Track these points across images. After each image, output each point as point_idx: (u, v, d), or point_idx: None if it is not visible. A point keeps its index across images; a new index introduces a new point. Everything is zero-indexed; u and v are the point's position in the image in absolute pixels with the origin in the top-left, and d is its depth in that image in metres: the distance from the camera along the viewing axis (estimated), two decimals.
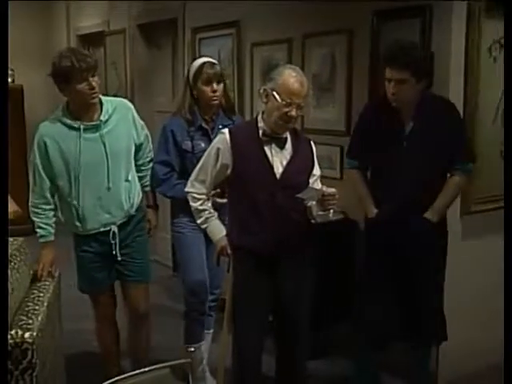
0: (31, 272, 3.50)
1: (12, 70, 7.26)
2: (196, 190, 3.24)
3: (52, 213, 3.54)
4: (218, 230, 3.23)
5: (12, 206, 3.58)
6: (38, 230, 3.52)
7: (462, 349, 3.78)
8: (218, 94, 3.65)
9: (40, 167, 3.43)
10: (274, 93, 2.95)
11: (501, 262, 3.94)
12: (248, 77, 5.25)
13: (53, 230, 3.55)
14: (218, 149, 3.13)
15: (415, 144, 3.34)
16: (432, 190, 3.37)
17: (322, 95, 4.55)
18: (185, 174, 3.62)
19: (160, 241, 6.24)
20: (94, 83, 3.32)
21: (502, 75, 3.93)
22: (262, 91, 3.04)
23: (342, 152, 4.39)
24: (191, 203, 3.27)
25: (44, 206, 3.50)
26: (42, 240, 3.53)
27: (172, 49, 6.36)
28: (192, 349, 2.87)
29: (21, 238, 3.48)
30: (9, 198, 3.22)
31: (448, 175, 3.47)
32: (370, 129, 3.53)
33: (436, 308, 3.51)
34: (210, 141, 3.58)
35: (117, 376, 2.22)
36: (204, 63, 3.69)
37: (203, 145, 3.61)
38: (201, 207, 3.24)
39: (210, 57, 3.84)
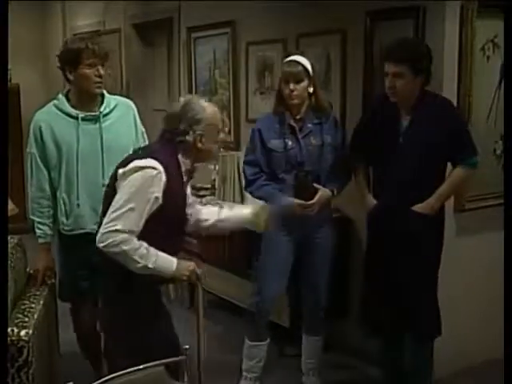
0: (28, 270, 3.52)
1: (9, 68, 7.27)
2: None
3: (51, 210, 3.37)
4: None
5: (9, 205, 3.55)
6: (36, 230, 3.38)
7: (457, 344, 3.80)
8: (295, 93, 3.53)
9: (37, 156, 3.30)
10: (209, 132, 2.77)
11: (494, 258, 4.00)
12: (243, 75, 5.28)
13: (50, 231, 3.39)
14: None
15: (411, 139, 3.35)
16: (429, 185, 3.39)
17: None
18: (273, 175, 3.63)
19: None
20: (102, 71, 3.26)
21: (495, 74, 3.98)
22: (193, 138, 2.74)
23: None
24: None
25: (42, 201, 3.34)
26: (40, 241, 3.40)
27: (167, 48, 6.37)
28: (187, 346, 2.86)
29: (17, 236, 3.46)
30: None
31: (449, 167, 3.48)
32: (370, 123, 3.56)
33: (428, 302, 3.51)
34: (297, 139, 3.58)
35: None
36: (288, 61, 3.61)
37: (290, 143, 3.58)
38: None
39: (301, 54, 3.68)
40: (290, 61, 3.59)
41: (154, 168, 2.62)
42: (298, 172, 3.57)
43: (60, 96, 3.38)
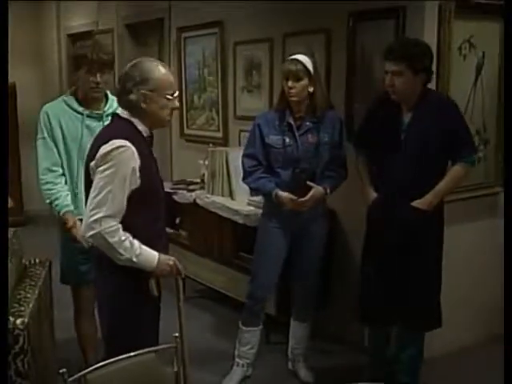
0: (23, 261, 3.62)
1: None
2: None
3: (64, 186, 3.46)
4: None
5: None
6: (56, 203, 3.42)
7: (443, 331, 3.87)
8: (293, 90, 3.57)
9: (48, 140, 3.44)
10: (155, 93, 2.67)
11: (475, 247, 4.12)
12: (231, 74, 5.39)
13: (69, 202, 3.44)
14: None
15: (412, 136, 3.41)
16: (429, 181, 3.44)
17: None
18: (270, 169, 3.72)
19: None
20: (99, 79, 3.41)
21: (471, 72, 4.11)
22: (137, 97, 2.66)
23: None
24: None
25: (55, 180, 3.44)
26: (64, 210, 3.42)
27: (158, 47, 6.47)
28: (176, 334, 2.96)
29: (13, 229, 3.54)
30: None
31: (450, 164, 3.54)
32: (372, 120, 3.62)
33: (428, 296, 3.58)
34: (294, 137, 3.64)
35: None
36: (289, 59, 3.64)
37: (288, 140, 3.64)
38: None
39: (304, 54, 3.66)
40: (292, 59, 3.62)
41: (122, 146, 2.58)
42: (294, 168, 3.65)
43: (69, 92, 3.57)
